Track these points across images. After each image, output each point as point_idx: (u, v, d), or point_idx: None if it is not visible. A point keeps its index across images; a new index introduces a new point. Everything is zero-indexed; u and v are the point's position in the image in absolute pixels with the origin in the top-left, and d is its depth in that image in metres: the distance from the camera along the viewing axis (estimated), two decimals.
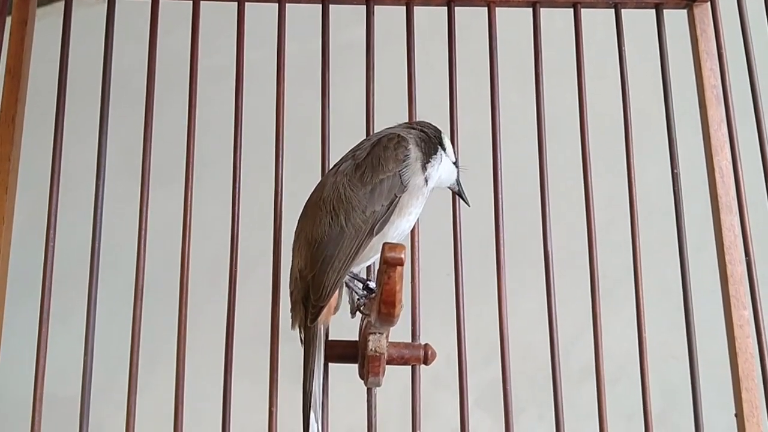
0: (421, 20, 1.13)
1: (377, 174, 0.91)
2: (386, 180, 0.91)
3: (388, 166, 0.92)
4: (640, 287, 1.04)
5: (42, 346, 1.00)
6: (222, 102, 1.14)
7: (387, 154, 0.92)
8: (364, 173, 0.92)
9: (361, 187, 0.91)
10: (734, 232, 1.05)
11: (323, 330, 0.94)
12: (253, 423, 1.12)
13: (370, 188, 0.91)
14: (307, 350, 0.93)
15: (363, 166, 0.92)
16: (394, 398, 1.02)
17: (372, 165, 0.92)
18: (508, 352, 1.00)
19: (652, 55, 1.14)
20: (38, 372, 0.99)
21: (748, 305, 1.03)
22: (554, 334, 1.02)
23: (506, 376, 1.00)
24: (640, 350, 1.02)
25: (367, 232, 0.90)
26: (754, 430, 0.98)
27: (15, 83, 1.02)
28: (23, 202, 1.17)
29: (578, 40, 1.11)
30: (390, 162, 0.92)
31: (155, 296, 1.13)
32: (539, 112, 1.09)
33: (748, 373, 1.00)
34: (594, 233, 1.05)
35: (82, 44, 1.20)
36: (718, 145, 1.08)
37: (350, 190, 0.91)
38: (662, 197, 1.12)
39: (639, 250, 1.05)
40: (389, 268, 0.79)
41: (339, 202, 0.91)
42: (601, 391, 1.00)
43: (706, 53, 1.10)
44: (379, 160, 0.92)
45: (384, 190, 0.91)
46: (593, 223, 1.05)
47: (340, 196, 0.91)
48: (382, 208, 0.91)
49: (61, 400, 1.23)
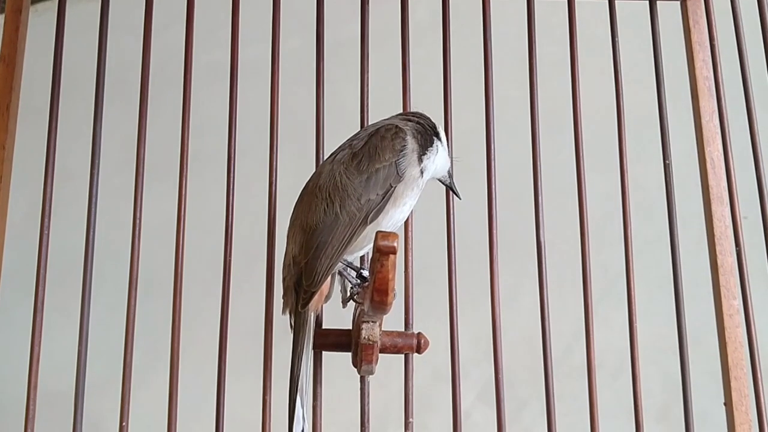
0: (423, 16, 1.14)
1: (373, 163, 0.92)
2: (382, 169, 0.92)
3: (385, 156, 0.93)
4: (632, 280, 1.05)
5: (36, 337, 1.00)
6: (225, 97, 1.14)
7: (384, 144, 0.93)
8: (360, 162, 0.92)
9: (357, 175, 0.92)
10: (725, 223, 1.06)
11: (313, 317, 0.95)
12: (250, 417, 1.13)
13: (366, 177, 0.92)
14: (296, 335, 0.93)
15: (360, 155, 0.93)
16: (395, 391, 1.03)
17: (369, 154, 0.93)
18: (500, 345, 1.01)
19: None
20: (32, 364, 1.00)
21: (738, 295, 1.04)
22: (546, 323, 1.03)
23: (498, 366, 1.00)
24: (631, 344, 1.03)
25: (361, 220, 0.91)
26: (743, 418, 0.99)
27: (9, 72, 1.02)
28: (21, 199, 1.18)
29: (572, 32, 1.12)
30: (387, 152, 0.93)
31: (156, 292, 1.13)
32: (533, 105, 1.09)
33: (737, 363, 1.01)
34: (586, 227, 1.06)
35: (83, 39, 1.20)
36: (709, 136, 1.09)
37: (346, 177, 0.92)
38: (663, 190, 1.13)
39: (631, 243, 1.06)
40: (382, 257, 0.80)
41: (335, 190, 0.92)
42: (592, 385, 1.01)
43: (699, 45, 1.11)
44: (376, 150, 0.93)
45: (380, 179, 0.92)
46: (585, 218, 1.06)
47: (336, 184, 0.92)
48: (377, 197, 0.92)
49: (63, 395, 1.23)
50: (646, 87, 1.17)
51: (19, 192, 1.07)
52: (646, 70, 1.15)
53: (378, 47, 1.11)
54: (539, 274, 1.04)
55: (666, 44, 1.14)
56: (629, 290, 1.05)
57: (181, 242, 1.03)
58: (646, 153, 1.19)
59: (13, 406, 1.12)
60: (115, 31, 1.12)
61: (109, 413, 1.15)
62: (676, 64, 1.16)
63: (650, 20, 1.14)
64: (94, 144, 1.07)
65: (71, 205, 1.23)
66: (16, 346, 1.08)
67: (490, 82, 1.10)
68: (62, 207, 1.09)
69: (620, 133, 1.10)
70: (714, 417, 1.08)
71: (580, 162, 1.08)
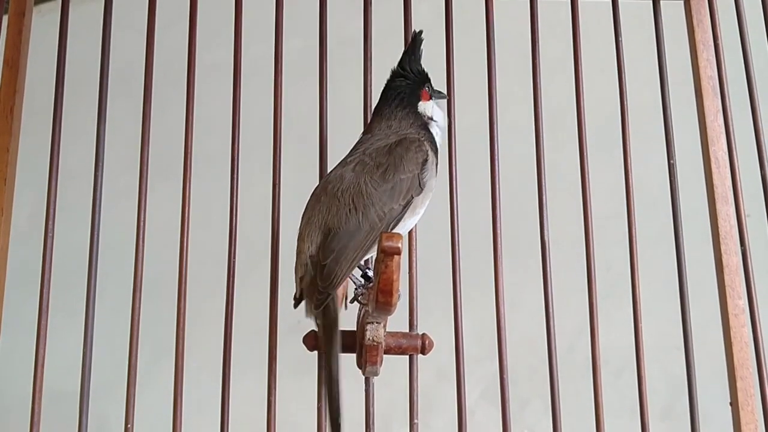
0: (426, 15, 1.13)
1: (398, 173, 0.94)
2: (406, 180, 0.94)
3: (409, 167, 0.95)
4: (636, 279, 1.04)
5: (41, 338, 1.00)
6: (228, 97, 1.14)
7: (409, 155, 0.95)
8: (386, 171, 0.94)
9: (382, 184, 0.93)
10: (730, 222, 1.06)
11: (338, 316, 0.95)
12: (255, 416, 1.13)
13: (391, 186, 0.93)
14: (328, 334, 0.93)
15: (385, 164, 0.95)
16: (399, 391, 1.03)
17: (394, 164, 0.94)
18: (504, 343, 1.01)
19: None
20: (37, 365, 1.00)
21: (743, 295, 1.04)
22: (550, 322, 1.03)
23: (503, 365, 1.00)
24: (636, 343, 1.03)
25: (382, 228, 0.92)
26: (749, 418, 0.99)
27: (13, 74, 1.02)
28: (26, 200, 1.18)
29: (575, 31, 1.12)
30: (411, 163, 0.95)
31: (161, 292, 1.13)
32: (536, 103, 1.09)
33: (743, 362, 1.01)
34: (590, 226, 1.05)
35: (86, 39, 1.20)
36: (714, 135, 1.09)
37: (372, 186, 0.93)
38: (667, 188, 1.12)
39: (635, 242, 1.06)
40: (386, 257, 0.80)
41: (359, 197, 0.93)
42: (597, 384, 1.01)
43: (703, 44, 1.11)
44: (401, 160, 0.95)
45: (403, 189, 0.94)
46: (589, 216, 1.06)
47: (360, 191, 0.93)
48: (399, 207, 0.93)
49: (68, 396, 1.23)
50: (649, 86, 1.17)
51: (24, 193, 1.07)
52: (650, 68, 1.14)
53: (381, 46, 1.11)
54: (543, 272, 1.04)
55: (670, 43, 1.14)
56: (634, 289, 1.05)
57: (185, 242, 1.03)
58: (650, 152, 1.19)
59: (19, 406, 1.12)
60: (119, 31, 1.12)
61: (114, 413, 1.15)
62: (680, 63, 1.16)
63: (653, 19, 1.14)
64: (98, 144, 1.07)
65: (75, 205, 1.23)
66: (22, 347, 1.08)
67: (493, 80, 1.09)
68: (66, 208, 1.09)
69: (624, 132, 1.09)
70: (719, 417, 1.08)
71: (584, 160, 1.08)
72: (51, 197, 1.04)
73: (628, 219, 1.07)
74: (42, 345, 1.00)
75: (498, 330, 1.01)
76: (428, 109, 1.02)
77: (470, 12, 1.16)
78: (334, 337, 0.93)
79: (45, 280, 1.02)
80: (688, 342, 1.04)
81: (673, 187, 1.09)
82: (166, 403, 1.02)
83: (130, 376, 1.00)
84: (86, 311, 1.02)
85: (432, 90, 1.03)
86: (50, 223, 1.03)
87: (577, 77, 1.10)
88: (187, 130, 1.07)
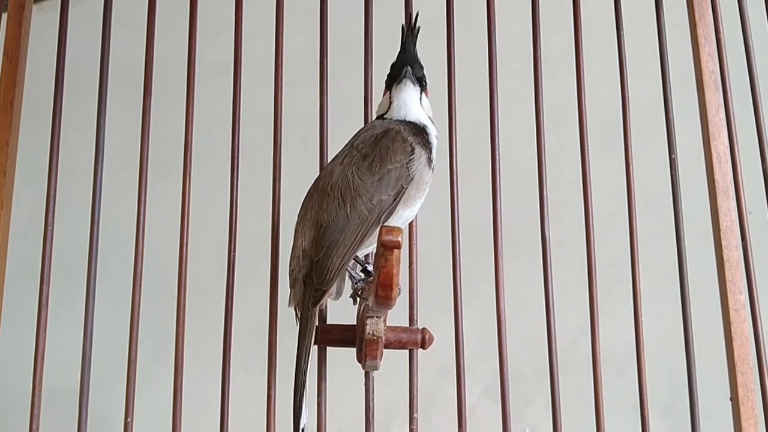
0: (427, 12, 1.13)
1: (385, 164, 0.93)
2: (394, 170, 0.93)
3: (396, 157, 0.94)
4: (637, 275, 1.04)
5: (41, 333, 1.00)
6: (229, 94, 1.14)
7: (395, 146, 0.94)
8: (372, 162, 0.93)
9: (369, 175, 0.93)
10: (731, 217, 1.05)
11: (317, 311, 0.95)
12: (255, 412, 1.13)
13: (378, 177, 0.93)
14: (303, 330, 0.93)
15: (371, 156, 0.94)
16: (401, 388, 1.03)
17: (380, 155, 0.94)
18: (505, 340, 1.01)
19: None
20: (37, 360, 1.00)
21: (744, 290, 1.03)
22: (551, 318, 1.02)
23: (503, 362, 1.00)
24: (636, 339, 1.02)
25: (372, 220, 0.92)
26: (749, 413, 0.99)
27: (13, 68, 1.02)
28: (26, 196, 1.18)
29: (577, 26, 1.11)
30: (398, 153, 0.94)
31: (161, 288, 1.13)
32: (537, 99, 1.09)
33: (743, 358, 1.01)
34: (591, 222, 1.05)
35: (87, 36, 1.20)
36: (715, 129, 1.08)
37: (358, 178, 0.93)
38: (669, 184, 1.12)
39: (636, 238, 1.06)
40: (386, 251, 0.80)
41: (347, 190, 0.93)
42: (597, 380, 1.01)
43: (705, 38, 1.11)
44: (387, 151, 0.94)
45: (391, 180, 0.93)
46: (591, 212, 1.06)
47: (348, 184, 0.93)
48: (389, 198, 0.93)
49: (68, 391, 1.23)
50: (651, 80, 1.17)
51: (24, 189, 1.07)
52: (652, 63, 1.14)
53: (381, 44, 1.11)
54: (544, 268, 1.03)
55: (672, 37, 1.14)
56: (635, 285, 1.04)
57: (185, 238, 1.03)
58: (651, 147, 1.18)
59: (19, 402, 1.12)
60: (119, 28, 1.12)
61: (114, 409, 1.15)
62: (682, 58, 1.16)
63: (655, 13, 1.14)
64: (98, 141, 1.07)
65: (75, 201, 1.23)
66: (22, 343, 1.08)
67: (494, 76, 1.09)
68: (66, 204, 1.09)
69: (625, 127, 1.09)
70: (720, 412, 1.08)
71: (585, 156, 1.07)
72: (51, 192, 1.04)
73: (629, 215, 1.06)
74: (42, 340, 1.00)
75: (498, 327, 1.01)
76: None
77: (471, 8, 1.16)
78: (310, 332, 0.93)
79: (45, 275, 1.02)
80: (688, 337, 1.04)
81: (674, 182, 1.08)
82: (166, 399, 1.02)
83: (130, 370, 0.99)
84: (86, 307, 1.02)
85: (413, 78, 0.99)
86: (50, 218, 1.03)
87: (578, 72, 1.10)
88: (187, 128, 1.07)
